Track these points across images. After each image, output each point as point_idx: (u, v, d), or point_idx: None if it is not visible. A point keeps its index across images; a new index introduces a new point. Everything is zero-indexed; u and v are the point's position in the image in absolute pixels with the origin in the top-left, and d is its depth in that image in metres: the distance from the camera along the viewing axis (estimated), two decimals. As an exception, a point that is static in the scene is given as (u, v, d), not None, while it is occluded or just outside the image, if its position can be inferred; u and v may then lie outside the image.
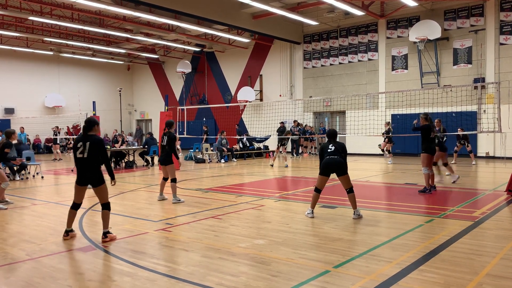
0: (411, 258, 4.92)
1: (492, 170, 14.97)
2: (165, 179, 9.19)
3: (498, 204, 8.23)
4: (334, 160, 7.05)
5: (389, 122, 18.43)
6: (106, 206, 6.05)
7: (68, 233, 6.12)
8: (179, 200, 8.98)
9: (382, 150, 18.52)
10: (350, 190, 7.19)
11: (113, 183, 6.30)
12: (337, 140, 7.45)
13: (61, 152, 27.57)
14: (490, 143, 19.06)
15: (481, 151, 19.36)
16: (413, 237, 5.88)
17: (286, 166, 16.55)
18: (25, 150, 14.80)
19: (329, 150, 7.15)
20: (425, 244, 5.49)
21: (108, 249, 5.51)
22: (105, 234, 5.93)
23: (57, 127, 23.76)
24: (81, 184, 6.02)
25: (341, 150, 7.16)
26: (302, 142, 22.80)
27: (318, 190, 7.27)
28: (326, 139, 7.52)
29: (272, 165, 16.79)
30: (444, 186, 10.83)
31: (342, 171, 7.07)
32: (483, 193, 9.64)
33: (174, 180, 8.99)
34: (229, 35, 23.84)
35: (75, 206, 6.14)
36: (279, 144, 17.08)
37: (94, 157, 5.90)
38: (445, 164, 11.80)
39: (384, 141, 18.05)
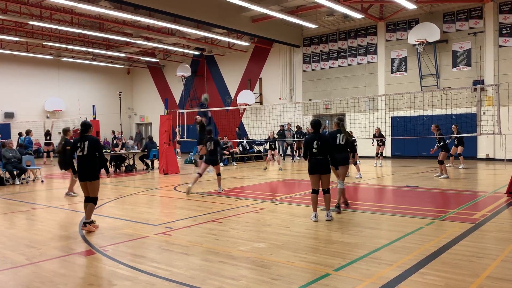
0: (412, 261, 4.92)
1: (492, 172, 14.96)
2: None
3: (498, 206, 8.22)
4: (319, 162, 7.18)
5: (379, 128, 18.01)
6: (94, 200, 6.82)
7: (86, 225, 6.68)
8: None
9: (381, 154, 18.23)
10: (327, 191, 7.28)
11: (108, 176, 7.32)
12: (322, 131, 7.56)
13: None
14: (490, 145, 19.06)
15: (481, 153, 19.35)
16: (414, 240, 5.87)
17: (280, 170, 16.61)
18: (25, 154, 14.79)
19: (314, 150, 7.16)
20: (425, 247, 5.48)
21: (108, 253, 5.50)
22: (85, 224, 6.69)
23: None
24: (82, 180, 6.75)
25: (326, 146, 7.17)
26: (301, 145, 22.79)
27: (314, 191, 7.32)
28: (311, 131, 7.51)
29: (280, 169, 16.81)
30: (445, 188, 10.84)
31: (326, 171, 7.21)
32: (484, 195, 9.63)
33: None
34: (228, 39, 23.89)
35: (86, 199, 6.86)
36: (271, 148, 17.45)
37: (92, 154, 6.69)
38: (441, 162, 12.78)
39: (377, 145, 17.79)
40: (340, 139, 7.96)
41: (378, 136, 17.32)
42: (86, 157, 6.66)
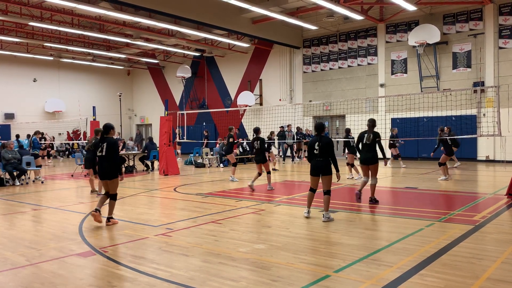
0: (412, 262, 4.91)
1: (492, 173, 14.96)
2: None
3: (498, 207, 8.22)
4: (319, 164, 7.36)
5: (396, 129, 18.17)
6: (113, 197, 7.34)
7: (97, 210, 7.15)
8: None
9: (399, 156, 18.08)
10: (327, 192, 7.39)
11: (120, 179, 7.37)
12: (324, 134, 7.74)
13: (59, 156, 27.68)
14: (490, 146, 19.06)
15: (481, 155, 19.35)
16: (414, 241, 5.87)
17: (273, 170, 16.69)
18: (25, 156, 14.78)
19: (315, 151, 7.39)
20: (425, 248, 5.48)
21: (108, 254, 5.50)
22: (109, 219, 7.21)
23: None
24: (102, 178, 7.31)
25: (327, 148, 7.33)
26: (301, 146, 22.81)
27: (312, 190, 7.56)
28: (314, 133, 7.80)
29: (274, 169, 16.90)
30: (445, 190, 10.84)
31: (325, 172, 7.35)
32: (484, 197, 9.63)
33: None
34: (228, 40, 23.89)
35: (106, 194, 7.39)
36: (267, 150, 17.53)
37: (110, 155, 7.17)
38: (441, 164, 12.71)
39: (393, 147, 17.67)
40: (365, 139, 8.77)
41: (394, 137, 17.33)
42: (105, 157, 7.19)
